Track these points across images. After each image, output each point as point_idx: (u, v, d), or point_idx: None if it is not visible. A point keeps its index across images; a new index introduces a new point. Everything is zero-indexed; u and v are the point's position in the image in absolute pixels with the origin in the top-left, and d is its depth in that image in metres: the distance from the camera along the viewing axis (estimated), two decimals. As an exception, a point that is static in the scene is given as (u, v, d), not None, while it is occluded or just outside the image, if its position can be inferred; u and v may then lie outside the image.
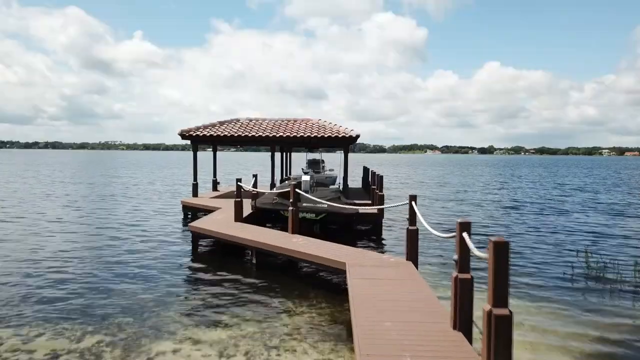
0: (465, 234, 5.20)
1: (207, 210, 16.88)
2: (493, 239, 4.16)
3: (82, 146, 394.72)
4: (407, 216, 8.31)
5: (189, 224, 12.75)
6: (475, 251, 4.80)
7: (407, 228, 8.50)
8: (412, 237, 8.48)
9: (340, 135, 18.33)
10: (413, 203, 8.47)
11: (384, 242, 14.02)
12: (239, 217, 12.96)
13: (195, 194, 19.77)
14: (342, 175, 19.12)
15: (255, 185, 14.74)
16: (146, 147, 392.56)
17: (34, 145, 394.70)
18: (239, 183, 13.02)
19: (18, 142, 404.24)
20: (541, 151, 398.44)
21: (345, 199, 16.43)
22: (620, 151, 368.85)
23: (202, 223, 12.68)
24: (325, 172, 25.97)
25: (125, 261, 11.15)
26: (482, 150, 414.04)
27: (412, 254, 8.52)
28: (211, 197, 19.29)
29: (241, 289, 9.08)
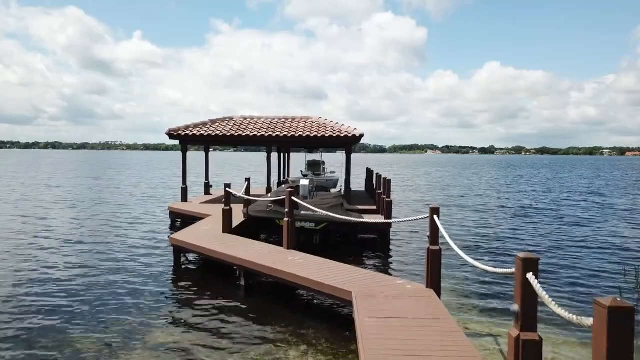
0: (531, 276, 3.58)
1: (196, 218, 15.30)
2: (606, 301, 2.53)
3: (83, 146, 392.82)
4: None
5: (170, 237, 11.13)
6: (557, 310, 3.18)
7: (428, 248, 6.88)
8: (434, 260, 6.85)
9: (342, 135, 16.71)
10: (435, 217, 6.85)
11: (392, 255, 12.36)
12: (227, 227, 11.34)
13: (184, 198, 18.14)
14: (344, 177, 17.51)
15: (247, 190, 13.12)
16: (146, 147, 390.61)
17: (34, 145, 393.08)
18: (227, 189, 11.39)
19: (18, 142, 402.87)
20: (542, 151, 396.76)
21: (348, 204, 14.85)
22: (621, 151, 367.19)
23: (185, 235, 11.06)
24: (326, 175, 24.31)
25: (89, 282, 9.51)
26: (483, 150, 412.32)
27: (434, 281, 6.90)
28: (202, 203, 17.66)
29: (224, 322, 7.45)
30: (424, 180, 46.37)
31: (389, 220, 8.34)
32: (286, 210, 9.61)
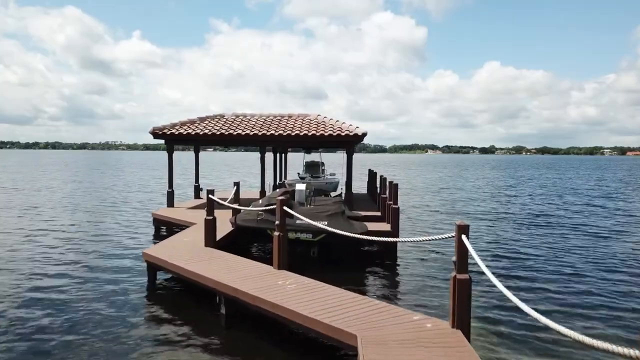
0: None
1: (181, 225, 13.81)
2: None
3: (83, 146, 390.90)
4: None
5: (143, 251, 9.57)
6: None
7: (454, 277, 5.36)
8: (462, 293, 5.32)
9: (343, 134, 15.19)
10: (464, 238, 5.32)
11: (400, 273, 10.74)
12: (210, 240, 9.81)
13: (170, 203, 16.61)
14: (344, 179, 16.00)
15: (237, 195, 11.61)
16: (146, 147, 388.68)
17: (34, 145, 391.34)
18: (210, 196, 9.85)
19: (18, 142, 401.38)
20: (542, 151, 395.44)
21: (349, 210, 13.35)
22: (622, 151, 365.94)
23: (160, 250, 9.53)
24: (326, 177, 22.74)
25: (38, 305, 7.97)
26: (484, 150, 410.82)
27: (462, 319, 5.37)
28: (189, 208, 16.14)
29: (196, 366, 5.95)
30: (423, 182, 44.78)
31: (400, 239, 6.76)
32: (277, 223, 8.08)
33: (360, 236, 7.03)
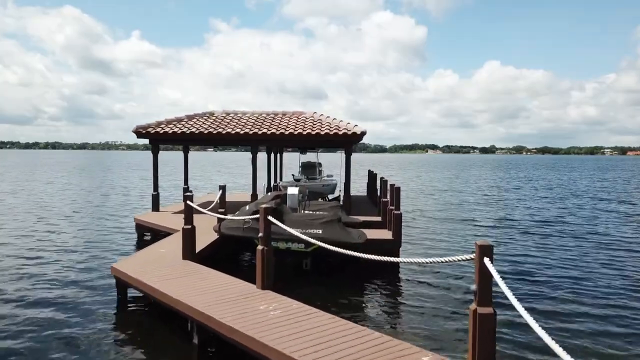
0: None
1: (165, 232, 12.69)
2: None
3: (83, 146, 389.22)
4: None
5: (112, 265, 8.44)
6: None
7: (475, 310, 4.24)
8: (485, 330, 4.20)
9: (341, 133, 14.08)
10: (487, 261, 4.20)
11: (403, 291, 9.52)
12: (188, 252, 8.69)
13: (155, 207, 15.48)
14: (342, 181, 14.87)
15: (222, 200, 10.51)
16: (146, 147, 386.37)
17: (34, 145, 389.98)
18: (188, 202, 8.73)
19: (18, 142, 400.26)
20: (543, 151, 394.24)
21: (347, 216, 12.22)
22: (622, 150, 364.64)
23: (131, 263, 8.41)
24: (323, 179, 21.57)
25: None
26: (484, 150, 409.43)
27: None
28: (175, 212, 14.99)
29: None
30: (423, 184, 43.57)
31: (406, 260, 5.64)
32: (260, 235, 6.95)
33: (359, 254, 5.90)
